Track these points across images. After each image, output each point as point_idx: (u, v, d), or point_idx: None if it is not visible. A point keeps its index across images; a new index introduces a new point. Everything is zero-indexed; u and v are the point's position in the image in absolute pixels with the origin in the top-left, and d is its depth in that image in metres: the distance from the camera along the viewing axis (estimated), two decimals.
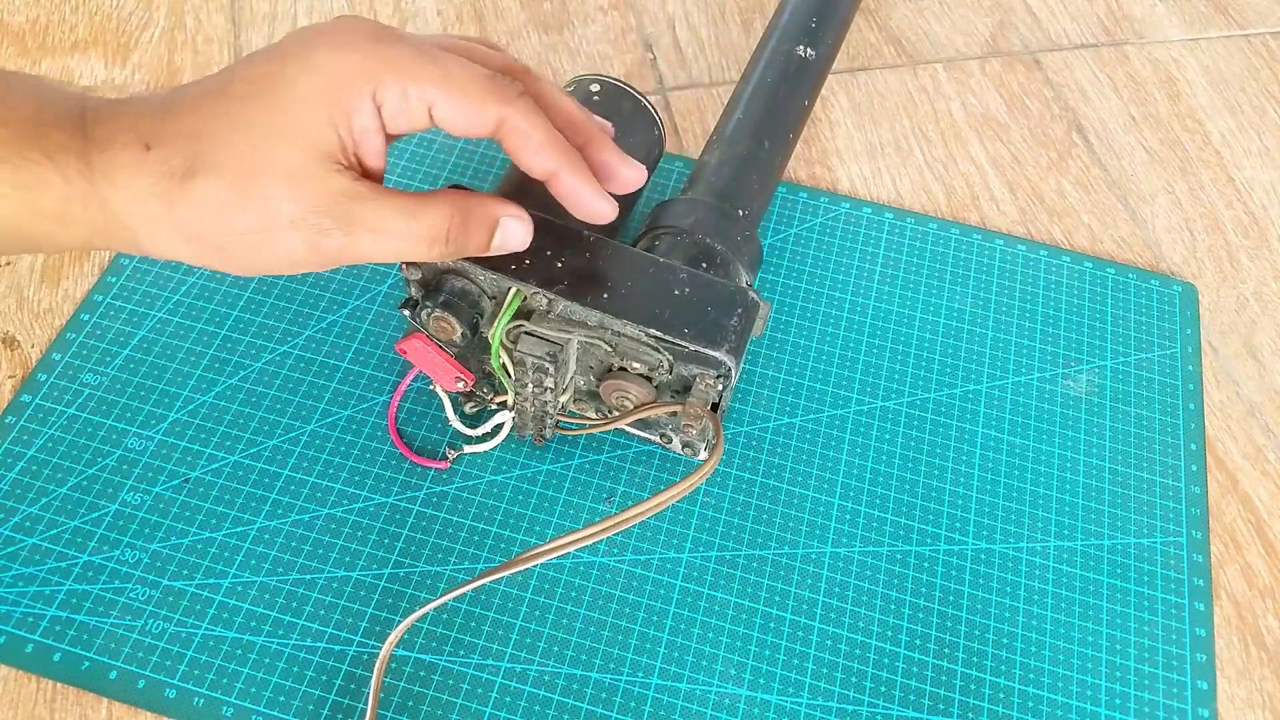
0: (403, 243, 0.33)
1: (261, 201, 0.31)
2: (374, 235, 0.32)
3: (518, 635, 0.40)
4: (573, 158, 0.35)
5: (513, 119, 0.34)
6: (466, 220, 0.34)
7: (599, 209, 0.36)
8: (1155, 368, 0.49)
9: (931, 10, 0.63)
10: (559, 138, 0.35)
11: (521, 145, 0.34)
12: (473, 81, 0.33)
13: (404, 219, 0.33)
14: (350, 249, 0.32)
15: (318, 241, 0.32)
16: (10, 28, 0.57)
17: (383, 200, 0.32)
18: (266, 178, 0.31)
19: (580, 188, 0.35)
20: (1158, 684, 0.40)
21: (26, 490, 0.41)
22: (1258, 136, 0.59)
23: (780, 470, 0.44)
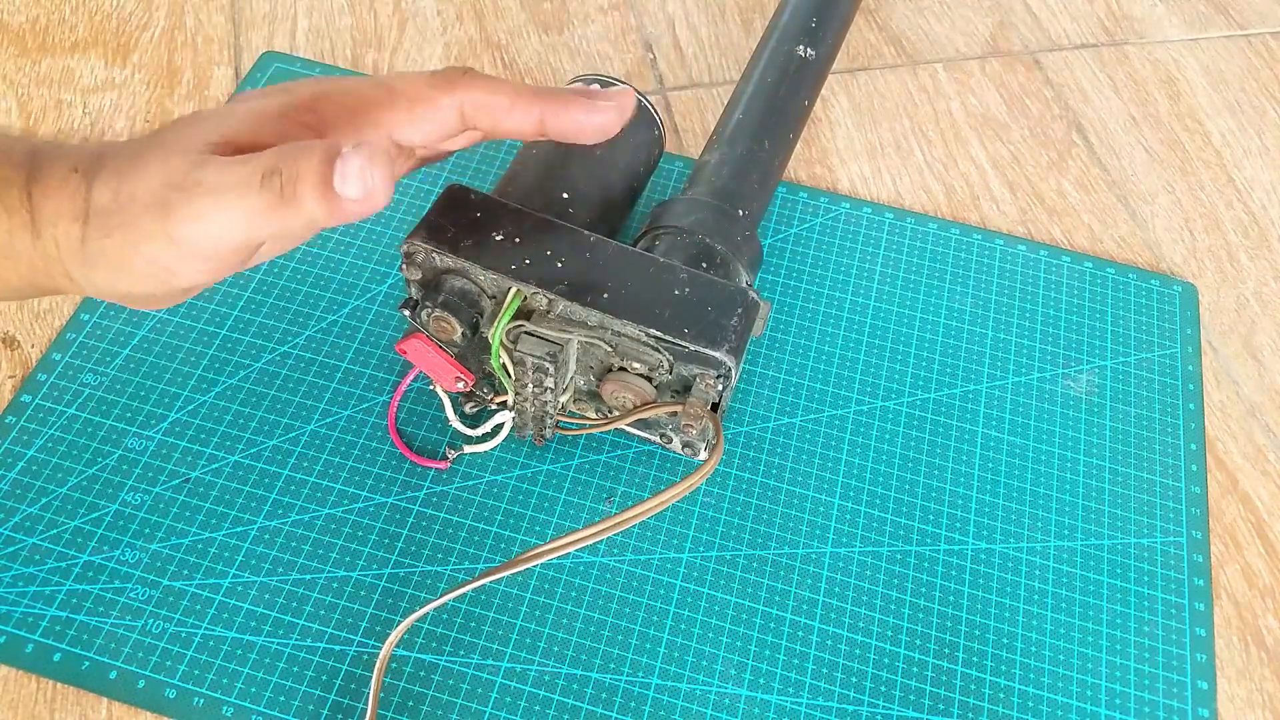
0: (232, 192, 0.30)
1: (129, 190, 0.31)
2: (210, 194, 0.30)
3: (518, 635, 0.40)
4: (549, 95, 0.34)
5: (469, 96, 0.33)
6: (297, 152, 0.30)
7: (601, 122, 0.35)
8: (1155, 368, 0.49)
9: (931, 10, 0.64)
10: (525, 87, 0.34)
11: (492, 117, 0.34)
12: (416, 85, 0.33)
13: (235, 165, 0.30)
14: (196, 216, 0.30)
15: (166, 218, 0.30)
16: (10, 28, 0.57)
17: (230, 157, 0.31)
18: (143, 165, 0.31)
19: (575, 116, 0.34)
20: (1158, 684, 0.40)
21: (26, 490, 0.41)
22: (1258, 136, 0.59)
23: (780, 470, 0.44)
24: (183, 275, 0.32)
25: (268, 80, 0.55)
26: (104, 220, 0.31)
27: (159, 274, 0.32)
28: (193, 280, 0.33)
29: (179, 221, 0.30)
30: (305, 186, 0.29)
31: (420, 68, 0.57)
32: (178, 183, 0.30)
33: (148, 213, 0.30)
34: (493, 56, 0.59)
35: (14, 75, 0.55)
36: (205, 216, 0.30)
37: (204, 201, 0.30)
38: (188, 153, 0.31)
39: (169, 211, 0.30)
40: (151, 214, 0.30)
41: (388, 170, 0.30)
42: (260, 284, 0.48)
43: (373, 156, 0.29)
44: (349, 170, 0.29)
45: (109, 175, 0.31)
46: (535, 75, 0.58)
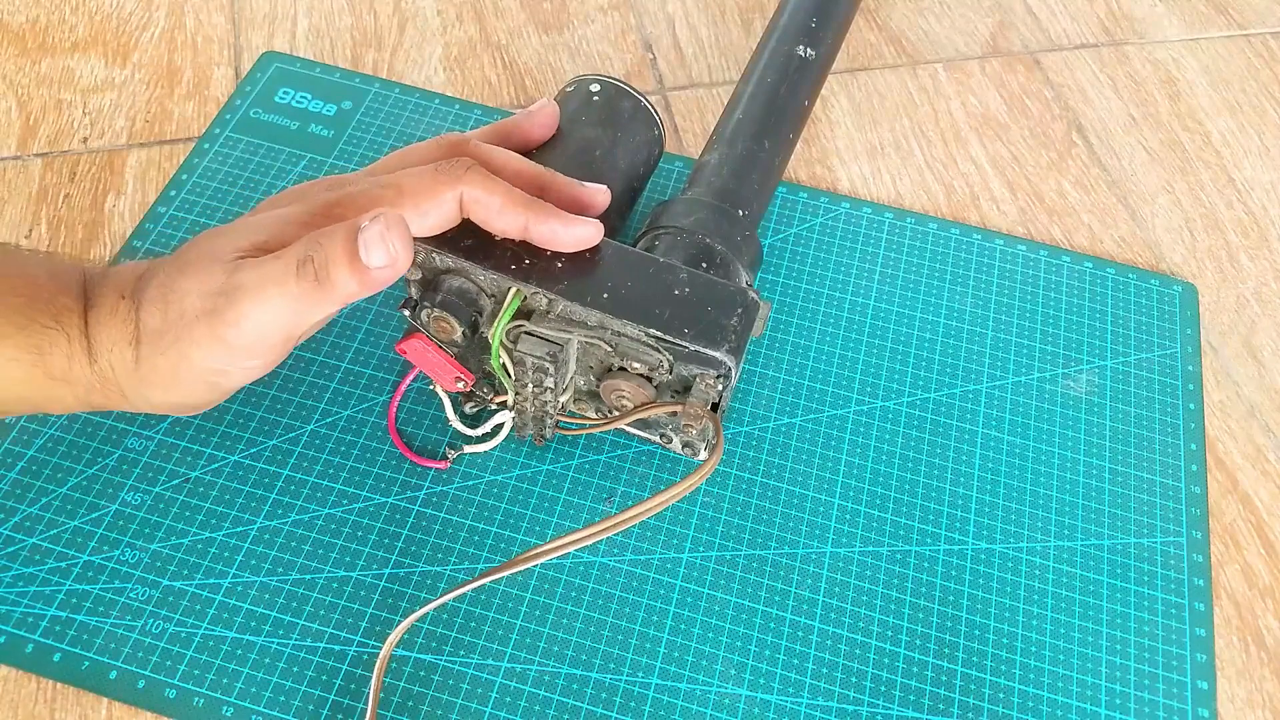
0: (272, 286, 0.33)
1: (177, 303, 0.33)
2: (253, 292, 0.33)
3: (518, 635, 0.40)
4: (535, 206, 0.37)
5: (469, 192, 0.36)
6: (320, 236, 0.33)
7: (579, 235, 0.37)
8: (1155, 368, 0.49)
9: (931, 10, 0.63)
10: (517, 193, 0.37)
11: (485, 213, 0.36)
12: (420, 180, 0.36)
13: (270, 262, 0.33)
14: (243, 316, 0.33)
15: (214, 324, 0.33)
16: (10, 28, 0.57)
17: (261, 258, 0.33)
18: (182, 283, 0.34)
19: (554, 228, 0.37)
20: (1158, 684, 0.40)
21: (26, 490, 0.41)
22: (1258, 136, 0.59)
23: (780, 470, 0.44)
24: (233, 376, 0.35)
25: (268, 80, 0.55)
26: (156, 340, 0.34)
27: (211, 379, 0.35)
28: (243, 380, 0.36)
29: (228, 324, 0.33)
30: (337, 266, 0.32)
31: (420, 68, 0.57)
32: (220, 289, 0.33)
33: (197, 324, 0.33)
34: (493, 56, 0.59)
35: (14, 75, 0.55)
36: (251, 314, 0.33)
37: (248, 301, 0.33)
38: (222, 262, 0.33)
39: (217, 316, 0.33)
40: (201, 324, 0.33)
41: (405, 235, 0.33)
42: None
43: (389, 224, 0.33)
44: (371, 241, 0.32)
45: (154, 297, 0.34)
46: (535, 75, 0.58)
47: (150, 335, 0.34)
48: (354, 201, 0.35)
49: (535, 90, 0.57)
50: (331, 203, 0.36)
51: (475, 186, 0.36)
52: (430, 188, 0.35)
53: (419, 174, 0.36)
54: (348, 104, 0.55)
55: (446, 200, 0.36)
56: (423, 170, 0.36)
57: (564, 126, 0.45)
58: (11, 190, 0.51)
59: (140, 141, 0.53)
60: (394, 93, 0.55)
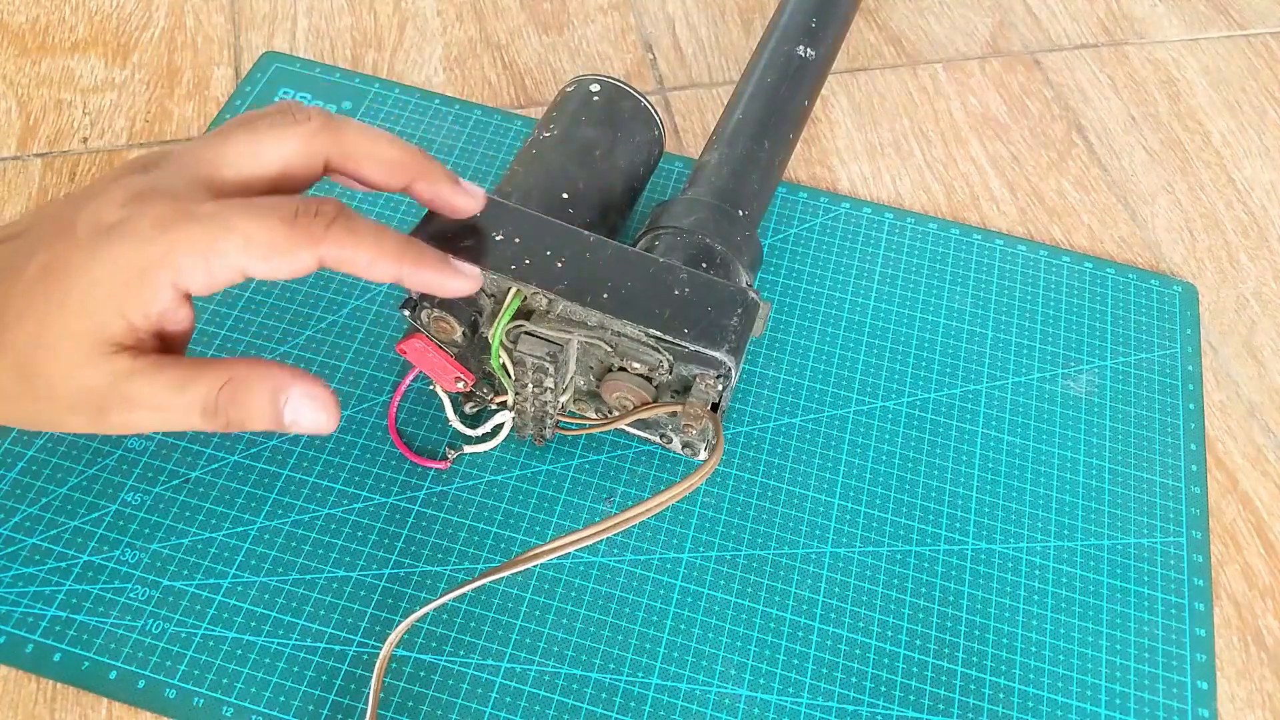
0: (174, 415, 0.31)
1: (44, 387, 0.31)
2: (149, 410, 0.31)
3: (518, 635, 0.40)
4: (407, 254, 0.34)
5: (330, 254, 0.32)
6: (239, 390, 0.31)
7: (455, 288, 0.35)
8: (1155, 368, 0.49)
9: (931, 10, 0.64)
10: (386, 240, 0.33)
11: (355, 269, 0.33)
12: (275, 236, 0.31)
13: (174, 392, 0.31)
14: (132, 424, 0.32)
15: (99, 420, 0.31)
16: (10, 28, 0.57)
17: (156, 374, 0.31)
18: (46, 367, 0.31)
19: (428, 279, 0.34)
20: (1158, 684, 0.40)
21: (26, 490, 0.41)
22: (1258, 136, 0.59)
23: (780, 470, 0.44)
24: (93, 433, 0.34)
25: (268, 80, 0.55)
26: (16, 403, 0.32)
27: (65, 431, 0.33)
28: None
29: (113, 425, 0.32)
30: (256, 424, 0.32)
31: (420, 68, 0.57)
32: (105, 392, 0.31)
33: (74, 413, 0.31)
34: (493, 57, 0.59)
35: (14, 75, 0.55)
36: (139, 425, 0.32)
37: (142, 416, 0.31)
38: (96, 357, 0.31)
39: (103, 417, 0.31)
40: (79, 413, 0.31)
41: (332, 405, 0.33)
42: (260, 284, 0.48)
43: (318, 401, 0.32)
44: (302, 418, 0.32)
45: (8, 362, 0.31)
46: (535, 75, 0.58)
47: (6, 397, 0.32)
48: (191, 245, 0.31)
49: (535, 90, 0.57)
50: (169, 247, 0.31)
51: (338, 245, 0.32)
52: (282, 245, 0.31)
53: (268, 223, 0.31)
54: (348, 104, 0.55)
55: (300, 259, 0.32)
56: (275, 218, 0.31)
57: (564, 126, 0.45)
58: (11, 190, 0.51)
59: (140, 141, 0.53)
60: (394, 93, 0.55)
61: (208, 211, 0.31)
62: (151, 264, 0.31)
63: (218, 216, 0.31)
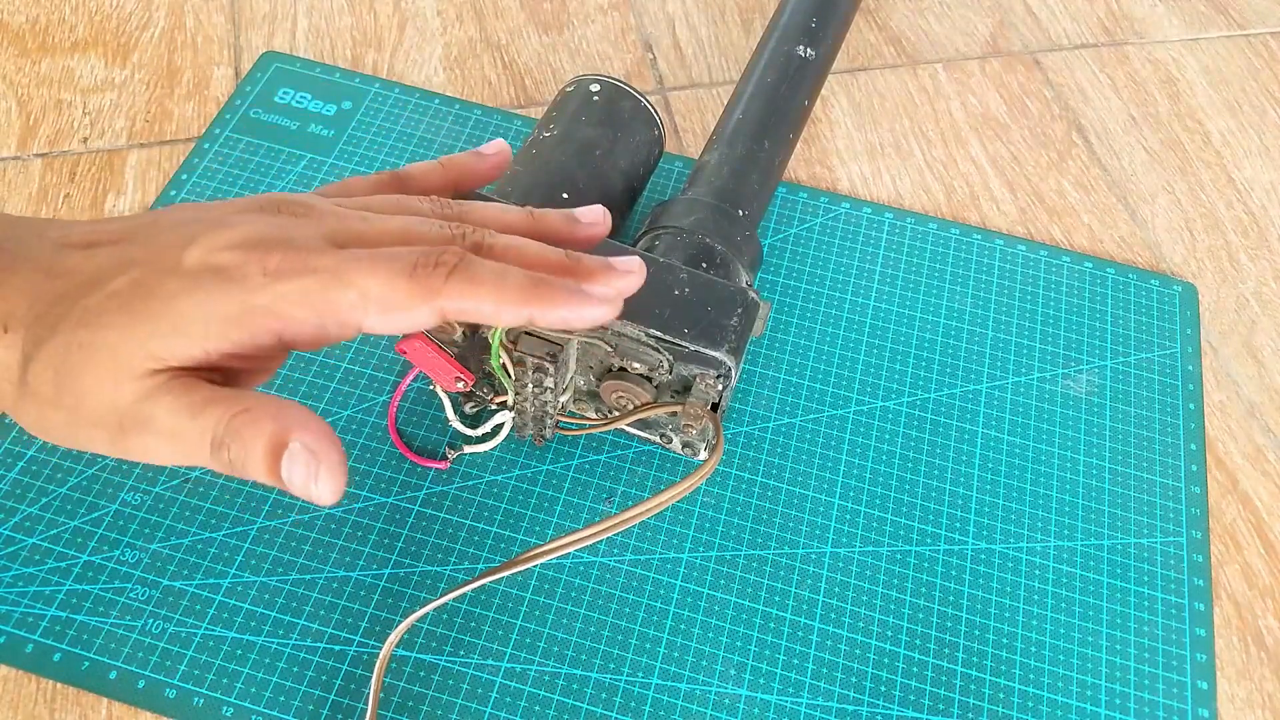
0: (186, 445, 0.29)
1: (74, 396, 0.29)
2: (164, 437, 0.29)
3: (518, 635, 0.40)
4: (537, 294, 0.31)
5: (451, 305, 0.30)
6: (245, 424, 0.29)
7: (593, 316, 0.31)
8: (1155, 368, 0.49)
9: (931, 10, 0.64)
10: (510, 281, 0.31)
11: (479, 320, 0.31)
12: (394, 292, 0.30)
13: (188, 416, 0.29)
14: (147, 450, 0.30)
15: (116, 440, 0.30)
16: (10, 28, 0.57)
17: (179, 395, 0.29)
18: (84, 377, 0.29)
19: (564, 315, 0.31)
20: (1158, 684, 0.40)
21: (26, 490, 0.41)
22: (1258, 136, 0.59)
23: (780, 470, 0.44)
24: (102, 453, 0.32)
25: (268, 80, 0.55)
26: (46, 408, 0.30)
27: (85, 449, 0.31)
28: None
29: (128, 445, 0.30)
30: (254, 469, 0.29)
31: (420, 68, 0.57)
32: (128, 410, 0.29)
33: (96, 430, 0.30)
34: (493, 56, 0.59)
35: (14, 75, 0.55)
36: (153, 452, 0.30)
37: (154, 440, 0.29)
38: (136, 375, 0.29)
39: (121, 437, 0.30)
40: (100, 429, 0.30)
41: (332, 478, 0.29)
42: None
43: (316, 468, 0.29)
44: (294, 472, 0.29)
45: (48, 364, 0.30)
46: (535, 75, 0.58)
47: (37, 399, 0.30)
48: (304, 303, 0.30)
49: (535, 90, 0.57)
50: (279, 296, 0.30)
51: (459, 299, 0.30)
52: (403, 301, 0.30)
53: (390, 278, 0.30)
54: (348, 104, 0.55)
55: (420, 314, 0.30)
56: (395, 272, 0.30)
57: (564, 126, 0.45)
58: (11, 190, 0.51)
59: (140, 141, 0.53)
60: (394, 93, 0.55)
61: (326, 265, 0.30)
62: (255, 312, 0.29)
63: (336, 271, 0.30)
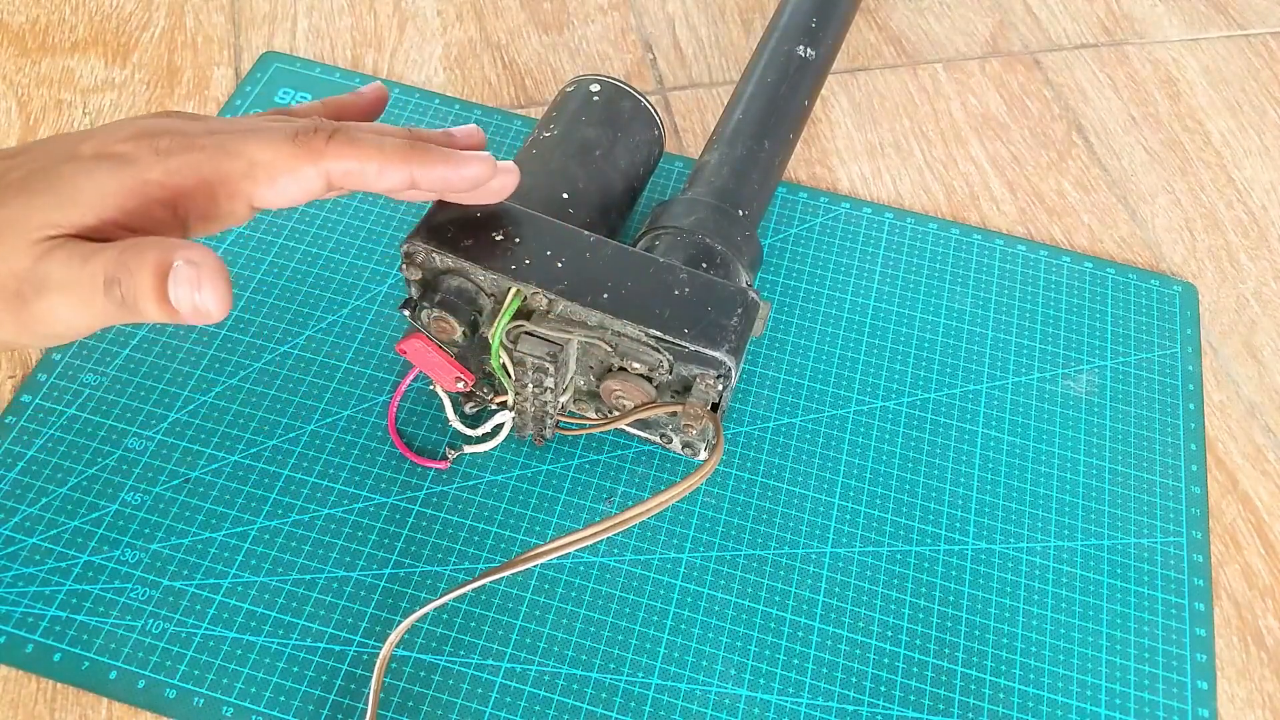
0: (81, 293, 0.30)
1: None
2: (60, 292, 0.30)
3: (518, 635, 0.40)
4: (415, 153, 0.33)
5: (336, 167, 0.32)
6: (130, 255, 0.29)
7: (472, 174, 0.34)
8: (1155, 368, 0.49)
9: (931, 10, 0.64)
10: (389, 145, 0.33)
11: (364, 181, 0.33)
12: (279, 155, 0.32)
13: (79, 262, 0.29)
14: (46, 312, 0.30)
15: (18, 310, 0.30)
16: (10, 28, 0.57)
17: (71, 248, 0.30)
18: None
19: (443, 174, 0.33)
20: (1158, 684, 0.40)
21: (26, 490, 0.41)
22: (1258, 136, 0.59)
23: (780, 470, 0.44)
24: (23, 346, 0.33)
25: (268, 80, 0.55)
26: None
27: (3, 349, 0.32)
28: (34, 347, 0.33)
29: (29, 313, 0.30)
30: (145, 300, 0.29)
31: (420, 68, 0.57)
32: (25, 274, 0.30)
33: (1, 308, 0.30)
34: (493, 56, 0.59)
35: (14, 75, 0.55)
36: (54, 310, 0.30)
37: (52, 297, 0.30)
38: (31, 241, 0.30)
39: (20, 303, 0.30)
40: (3, 310, 0.30)
41: (220, 289, 0.29)
42: (260, 284, 0.48)
43: (203, 277, 0.29)
44: (179, 290, 0.29)
45: None
46: (535, 75, 0.58)
47: None
48: (194, 176, 0.31)
49: (535, 90, 0.57)
50: (168, 172, 0.31)
51: (341, 159, 0.32)
52: (287, 163, 0.32)
53: (273, 143, 0.32)
54: None
55: (308, 177, 0.32)
56: (278, 139, 0.32)
57: (564, 126, 0.45)
58: None
59: None
60: (394, 93, 0.55)
61: (213, 141, 0.32)
62: (148, 185, 0.31)
63: (222, 144, 0.31)
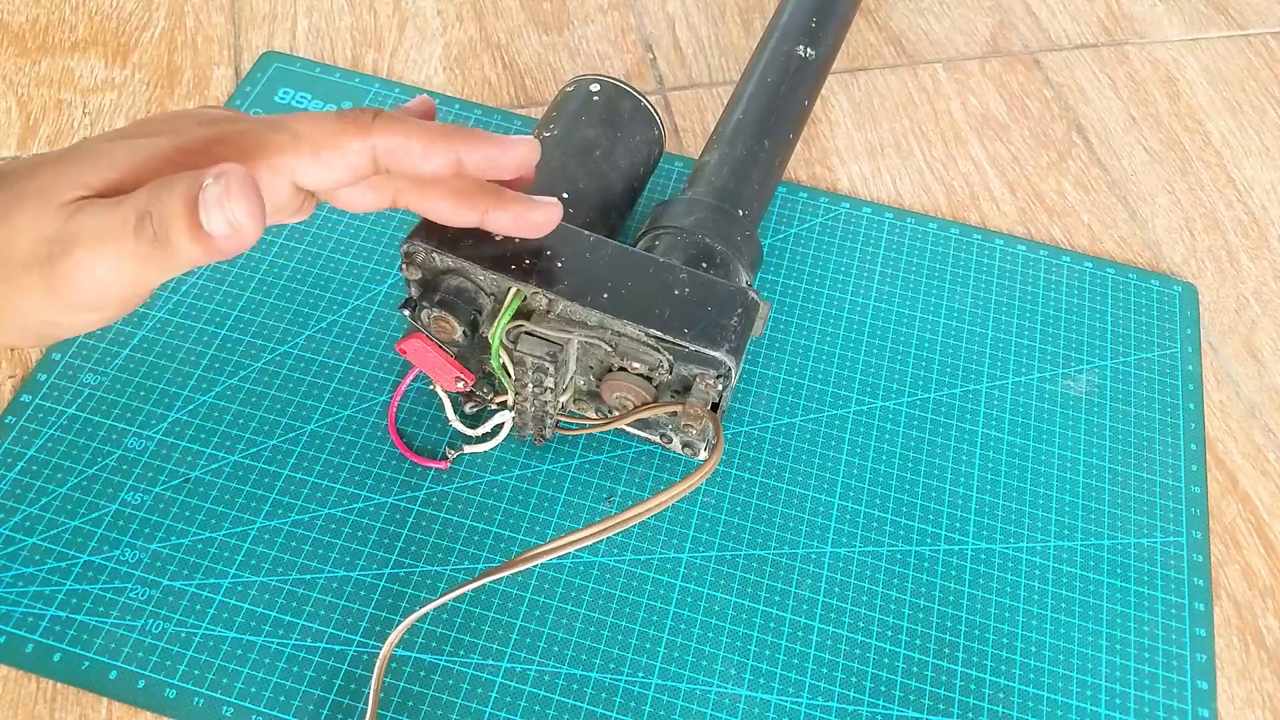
0: (114, 241, 0.28)
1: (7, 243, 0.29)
2: (89, 245, 0.28)
3: (518, 635, 0.40)
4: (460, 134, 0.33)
5: (382, 143, 0.32)
6: (160, 190, 0.28)
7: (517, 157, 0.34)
8: (1155, 368, 0.49)
9: (931, 10, 0.64)
10: (435, 128, 0.33)
11: (408, 160, 0.32)
12: (324, 129, 0.31)
13: (109, 209, 0.28)
14: (78, 269, 0.28)
15: (48, 274, 0.28)
16: (10, 28, 0.57)
17: (102, 201, 0.28)
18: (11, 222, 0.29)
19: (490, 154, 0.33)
20: (1158, 684, 0.40)
21: (26, 490, 0.41)
22: (1258, 136, 0.59)
23: (780, 470, 0.44)
24: (66, 328, 0.31)
25: (268, 80, 0.55)
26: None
27: (42, 330, 0.30)
28: (76, 332, 0.31)
29: (61, 277, 0.28)
30: (176, 228, 0.28)
31: (420, 68, 0.57)
32: (54, 236, 0.28)
33: (28, 271, 0.29)
34: (493, 56, 0.59)
35: (14, 75, 0.55)
36: (87, 268, 0.28)
37: (82, 253, 0.28)
38: (60, 201, 0.29)
39: (49, 266, 0.28)
40: (32, 272, 0.29)
41: (252, 200, 0.28)
42: (260, 284, 0.48)
43: (232, 185, 0.27)
44: (209, 204, 0.27)
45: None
46: (535, 75, 0.58)
47: None
48: (236, 143, 0.30)
49: (535, 90, 0.57)
50: (210, 139, 0.30)
51: (389, 134, 0.32)
52: (333, 136, 0.31)
53: (319, 119, 0.31)
54: (348, 104, 0.55)
55: (354, 151, 0.31)
56: (323, 116, 0.32)
57: (564, 126, 0.45)
58: None
59: None
60: (394, 93, 0.55)
61: (261, 119, 0.31)
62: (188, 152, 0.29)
63: (269, 120, 0.31)
